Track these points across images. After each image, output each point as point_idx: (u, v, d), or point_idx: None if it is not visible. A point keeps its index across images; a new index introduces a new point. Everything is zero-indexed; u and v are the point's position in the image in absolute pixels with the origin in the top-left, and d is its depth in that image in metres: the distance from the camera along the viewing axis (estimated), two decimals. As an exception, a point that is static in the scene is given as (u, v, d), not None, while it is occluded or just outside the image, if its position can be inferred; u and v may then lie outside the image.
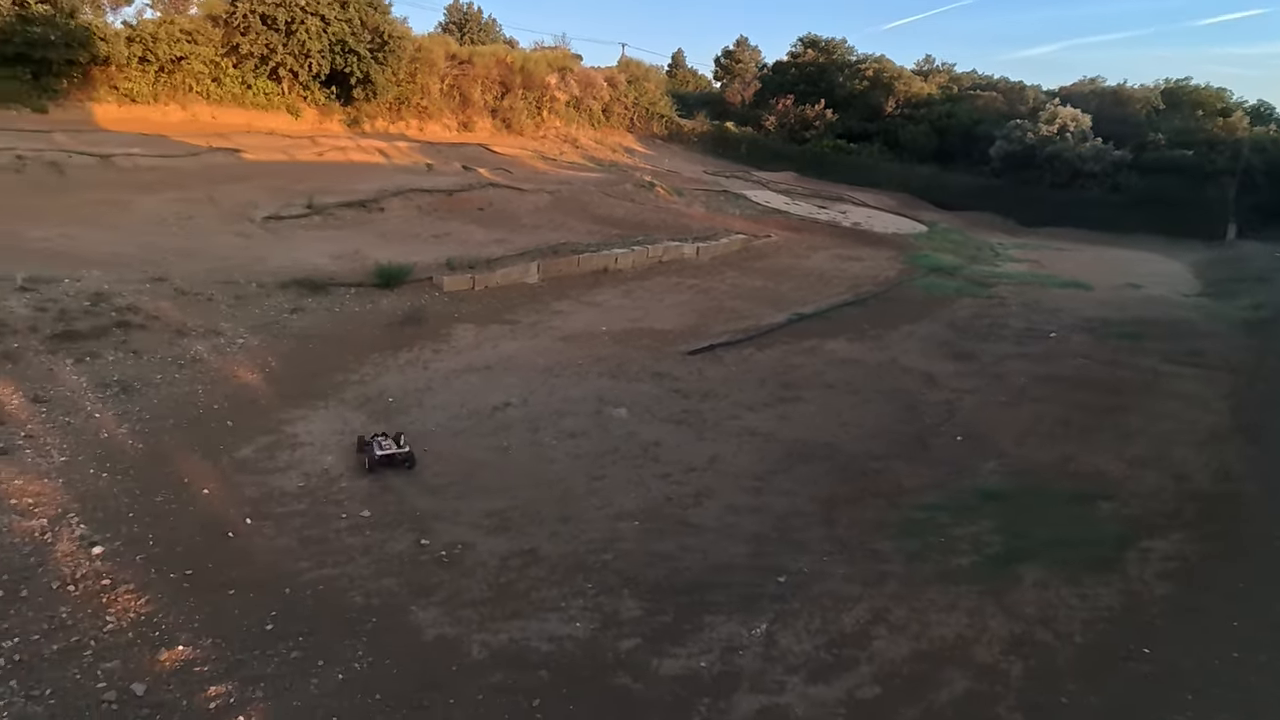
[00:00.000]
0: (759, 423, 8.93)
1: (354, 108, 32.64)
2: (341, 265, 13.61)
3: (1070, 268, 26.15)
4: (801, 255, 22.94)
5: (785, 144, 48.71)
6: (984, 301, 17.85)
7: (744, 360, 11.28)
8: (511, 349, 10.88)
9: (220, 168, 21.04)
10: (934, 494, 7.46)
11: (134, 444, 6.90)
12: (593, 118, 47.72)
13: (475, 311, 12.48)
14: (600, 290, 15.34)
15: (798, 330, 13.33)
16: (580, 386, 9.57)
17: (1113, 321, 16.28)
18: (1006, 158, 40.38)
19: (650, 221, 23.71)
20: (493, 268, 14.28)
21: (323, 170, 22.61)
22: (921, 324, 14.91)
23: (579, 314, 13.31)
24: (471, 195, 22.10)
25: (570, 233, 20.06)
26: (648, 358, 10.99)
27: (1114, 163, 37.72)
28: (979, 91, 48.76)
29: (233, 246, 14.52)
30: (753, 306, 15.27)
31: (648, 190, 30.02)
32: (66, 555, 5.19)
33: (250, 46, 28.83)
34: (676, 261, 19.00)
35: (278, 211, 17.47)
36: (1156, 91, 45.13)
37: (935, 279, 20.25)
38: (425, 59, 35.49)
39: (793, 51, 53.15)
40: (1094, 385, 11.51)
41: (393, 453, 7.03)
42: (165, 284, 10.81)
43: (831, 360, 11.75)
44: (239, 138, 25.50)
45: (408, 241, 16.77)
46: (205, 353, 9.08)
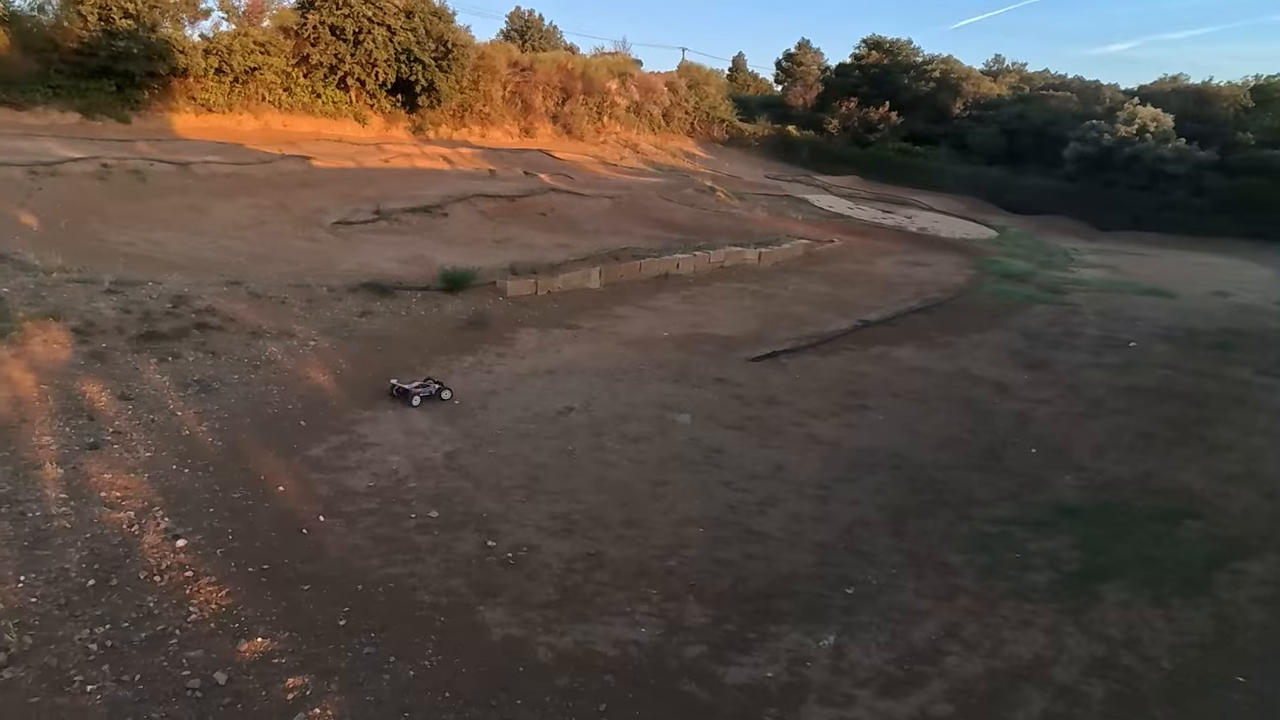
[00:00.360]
0: (824, 431, 8.79)
1: (418, 115, 33.38)
2: (407, 270, 13.90)
3: (1150, 274, 25.16)
4: (865, 261, 22.57)
5: (848, 147, 48.11)
6: (1057, 309, 17.31)
7: (808, 367, 11.13)
8: (574, 353, 10.94)
9: (291, 175, 21.69)
10: (1007, 507, 7.23)
11: (213, 441, 7.13)
12: (653, 122, 47.87)
13: (538, 316, 12.60)
14: (661, 295, 15.34)
15: (863, 337, 13.11)
16: (642, 391, 9.57)
17: (1198, 331, 15.61)
18: (1081, 159, 39.09)
19: (711, 226, 23.64)
20: (554, 272, 14.40)
21: (388, 176, 23.15)
22: (991, 332, 14.53)
23: (640, 319, 13.32)
24: (533, 200, 22.35)
25: (631, 237, 20.13)
26: (710, 363, 10.93)
27: (1198, 164, 36.14)
28: (1052, 91, 47.36)
29: (303, 251, 14.96)
30: (816, 312, 15.07)
31: (708, 195, 29.96)
32: (152, 547, 5.38)
33: (320, 56, 29.76)
34: (738, 267, 18.89)
35: (346, 217, 17.94)
36: (1245, 89, 43.14)
37: (1006, 285, 19.70)
38: (487, 66, 36.11)
39: (856, 53, 52.48)
40: (1179, 397, 11.04)
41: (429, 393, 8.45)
42: (240, 287, 11.18)
43: (898, 368, 11.52)
44: (308, 145, 26.28)
45: (471, 246, 17.04)
46: (279, 354, 9.35)
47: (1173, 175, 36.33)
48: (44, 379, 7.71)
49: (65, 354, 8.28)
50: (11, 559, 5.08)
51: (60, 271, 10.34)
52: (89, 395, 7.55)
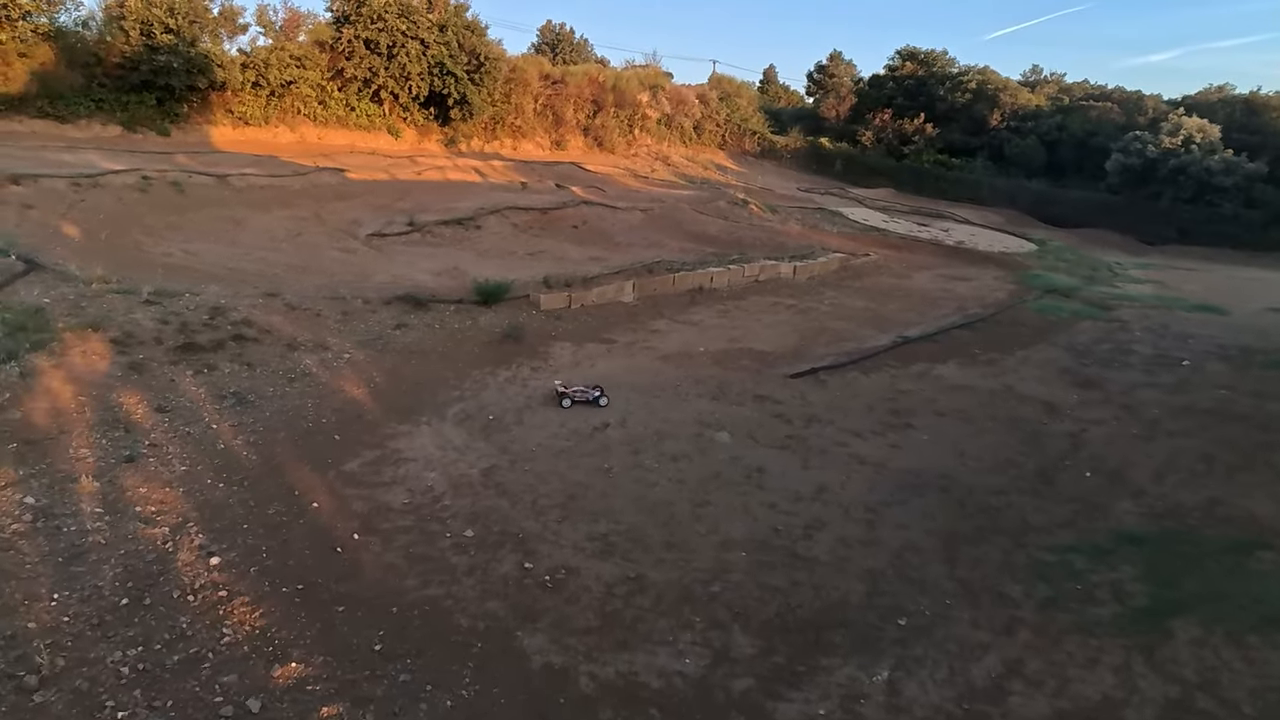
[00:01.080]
0: (868, 451, 8.51)
1: (451, 128, 33.62)
2: (441, 282, 13.85)
3: (1199, 289, 24.46)
4: (903, 275, 22.18)
5: (882, 159, 47.62)
6: (1105, 325, 16.83)
7: (848, 384, 10.84)
8: (609, 368, 10.77)
9: (326, 187, 21.85)
10: (1065, 534, 6.91)
11: (248, 455, 7.05)
12: (684, 135, 47.82)
13: (572, 329, 12.46)
14: (696, 309, 15.14)
15: (904, 354, 12.78)
16: (680, 408, 9.36)
17: (1254, 350, 15.05)
18: (1124, 171, 38.23)
19: (745, 239, 23.41)
20: (588, 286, 14.26)
21: (422, 189, 23.25)
22: (1037, 348, 14.12)
23: (676, 333, 13.13)
24: (565, 213, 22.30)
25: (664, 250, 19.97)
26: (748, 380, 10.69)
27: (1247, 175, 35.15)
28: (1092, 102, 46.50)
29: (339, 262, 14.99)
30: (854, 328, 14.77)
31: (741, 207, 29.76)
32: (186, 565, 5.28)
33: (354, 70, 30.11)
34: (773, 280, 18.63)
35: (380, 229, 17.99)
36: (1287, 99, 42.09)
37: (1050, 300, 19.21)
38: (519, 79, 36.31)
39: (890, 65, 52.01)
40: (1238, 419, 10.58)
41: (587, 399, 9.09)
42: (277, 299, 11.17)
43: (942, 386, 11.19)
44: (343, 158, 26.51)
45: (504, 258, 16.99)
46: (314, 367, 9.28)
47: (1221, 188, 35.38)
48: (82, 390, 7.69)
49: (104, 365, 8.26)
50: (46, 576, 5.00)
51: (100, 282, 10.38)
52: (126, 407, 7.51)
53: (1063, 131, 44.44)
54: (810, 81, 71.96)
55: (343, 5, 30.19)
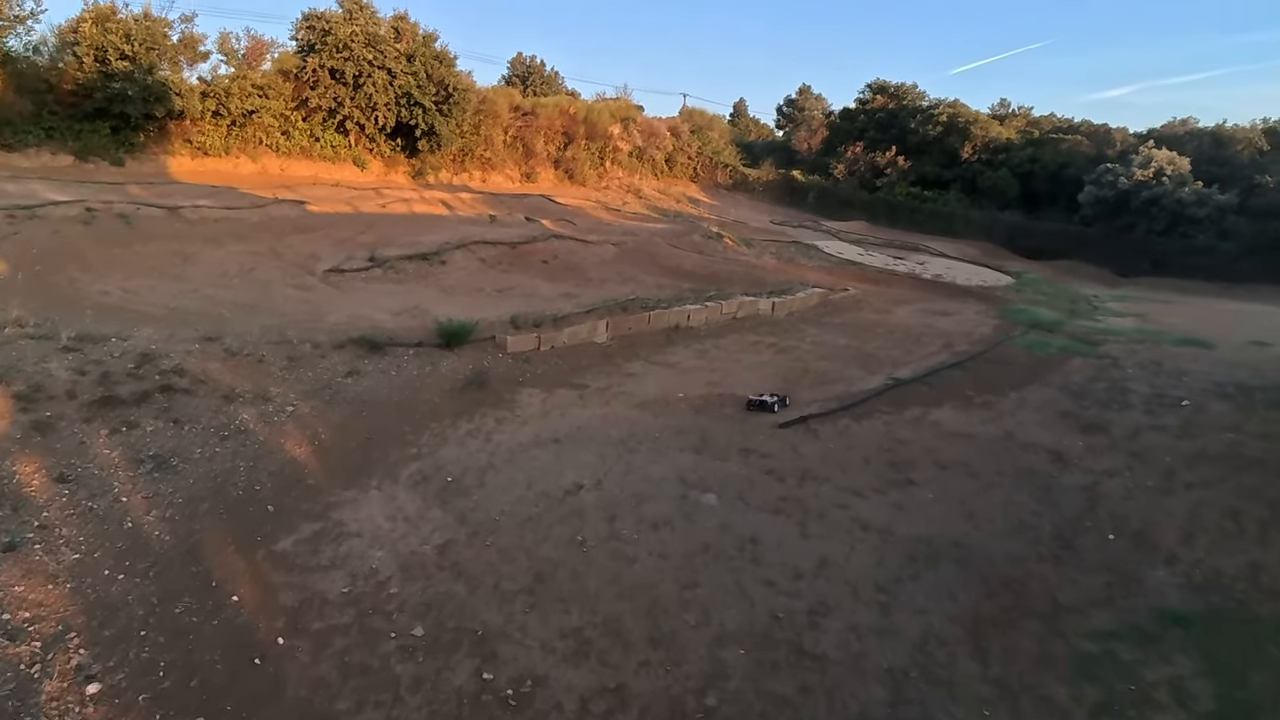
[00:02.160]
0: (870, 513, 7.66)
1: (418, 159, 32.82)
2: (401, 322, 12.90)
3: (1180, 322, 24.14)
4: (884, 310, 21.58)
5: (855, 192, 47.57)
6: (1096, 362, 16.23)
7: (842, 433, 10.02)
8: (582, 418, 9.85)
9: (285, 219, 20.85)
10: (1102, 615, 6.08)
11: (161, 535, 6.02)
12: (656, 167, 47.48)
13: (542, 374, 11.55)
14: (673, 349, 14.32)
15: (896, 397, 12.02)
16: (660, 464, 8.46)
17: (1250, 387, 14.50)
18: (1097, 203, 38.35)
19: (721, 273, 22.73)
20: (559, 326, 13.39)
21: (386, 222, 22.31)
22: (1032, 389, 13.45)
23: (652, 376, 12.27)
24: (536, 247, 21.48)
25: (638, 286, 19.20)
26: (733, 429, 9.83)
27: (1219, 207, 35.34)
28: (1062, 135, 46.91)
29: (292, 301, 13.99)
30: (840, 368, 14.03)
31: (716, 241, 29.19)
32: (54, 697, 4.24)
33: (319, 100, 29.26)
34: (752, 317, 17.90)
35: (339, 264, 17.02)
36: (1258, 131, 42.67)
37: (1036, 336, 18.65)
38: (489, 110, 35.68)
39: (861, 98, 52.30)
40: (1255, 467, 9.90)
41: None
42: (216, 344, 10.13)
43: (940, 434, 10.41)
44: (305, 189, 25.56)
45: (471, 295, 16.09)
46: (251, 422, 8.26)
47: (1193, 219, 35.54)
48: (-32, 457, 6.63)
49: (1, 425, 7.19)
50: None
51: (14, 325, 9.32)
52: (20, 477, 6.45)
53: (1035, 164, 44.69)
54: (780, 115, 72.60)
55: (307, 34, 29.42)
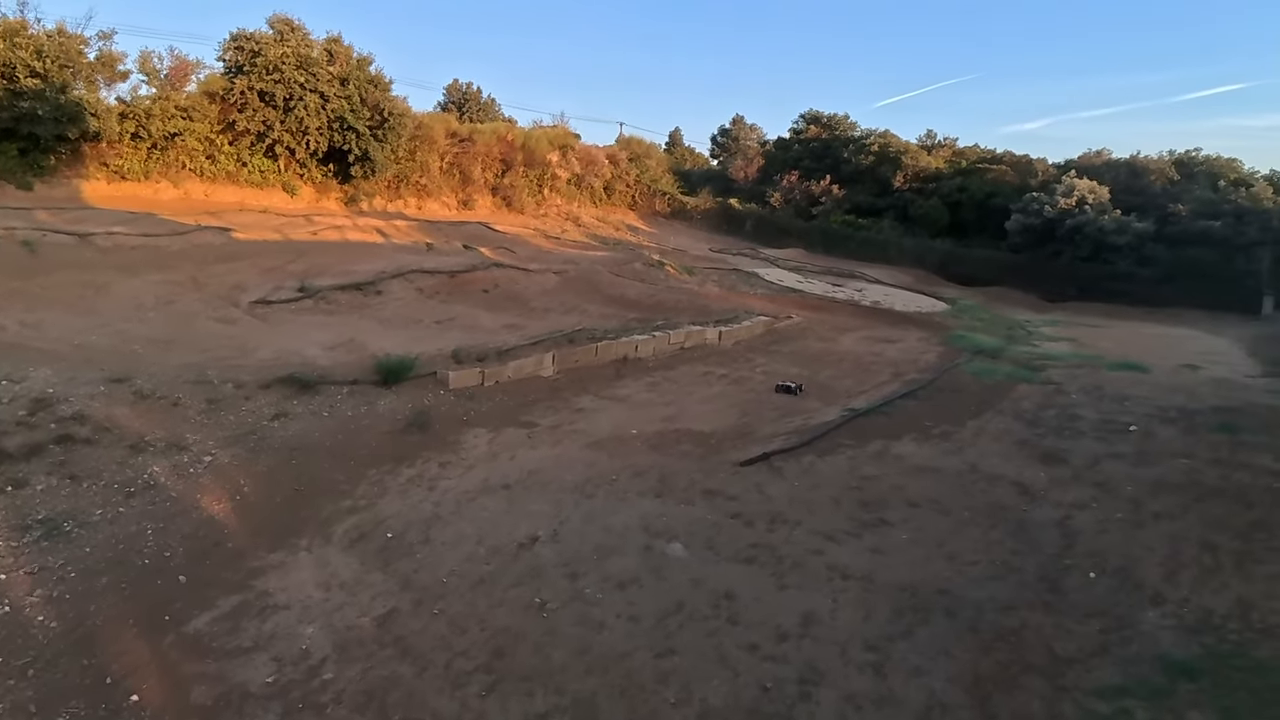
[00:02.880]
0: (848, 560, 7.19)
1: (352, 185, 31.76)
2: (335, 358, 12.05)
3: (1112, 346, 24.74)
4: (829, 338, 21.47)
5: (792, 220, 48.07)
6: (1042, 388, 16.26)
7: (806, 471, 9.58)
8: (533, 460, 9.19)
9: (209, 247, 19.70)
10: (1104, 668, 5.69)
11: (46, 621, 5.14)
12: (594, 195, 47.20)
13: (487, 412, 10.84)
14: (623, 382, 13.77)
15: (856, 430, 11.68)
16: (621, 512, 7.85)
17: (1191, 411, 14.65)
18: (1025, 231, 39.49)
19: (666, 302, 22.33)
20: (504, 360, 12.71)
21: (318, 250, 21.30)
22: (986, 417, 13.31)
23: (604, 412, 11.68)
24: (476, 276, 20.76)
25: (583, 315, 18.64)
26: (694, 469, 9.30)
27: (1138, 235, 36.74)
28: (988, 165, 48.38)
29: (214, 336, 12.98)
30: (796, 400, 13.68)
31: (658, 269, 28.88)
32: None
33: (247, 123, 28.08)
34: (700, 347, 17.49)
35: (267, 295, 16.02)
36: (1168, 162, 44.72)
37: (981, 362, 18.71)
38: (425, 136, 34.87)
39: (795, 128, 53.19)
40: (1216, 495, 9.81)
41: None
42: (125, 385, 9.15)
43: (905, 468, 10.07)
44: (231, 216, 24.35)
45: (409, 328, 15.28)
46: (163, 475, 7.37)
47: (1115, 246, 36.84)
48: None
49: None
50: None
51: (-115, 370, 8.24)
52: (-125, 552, 5.49)
53: (963, 193, 45.89)
54: (715, 144, 73.49)
55: (236, 55, 28.28)
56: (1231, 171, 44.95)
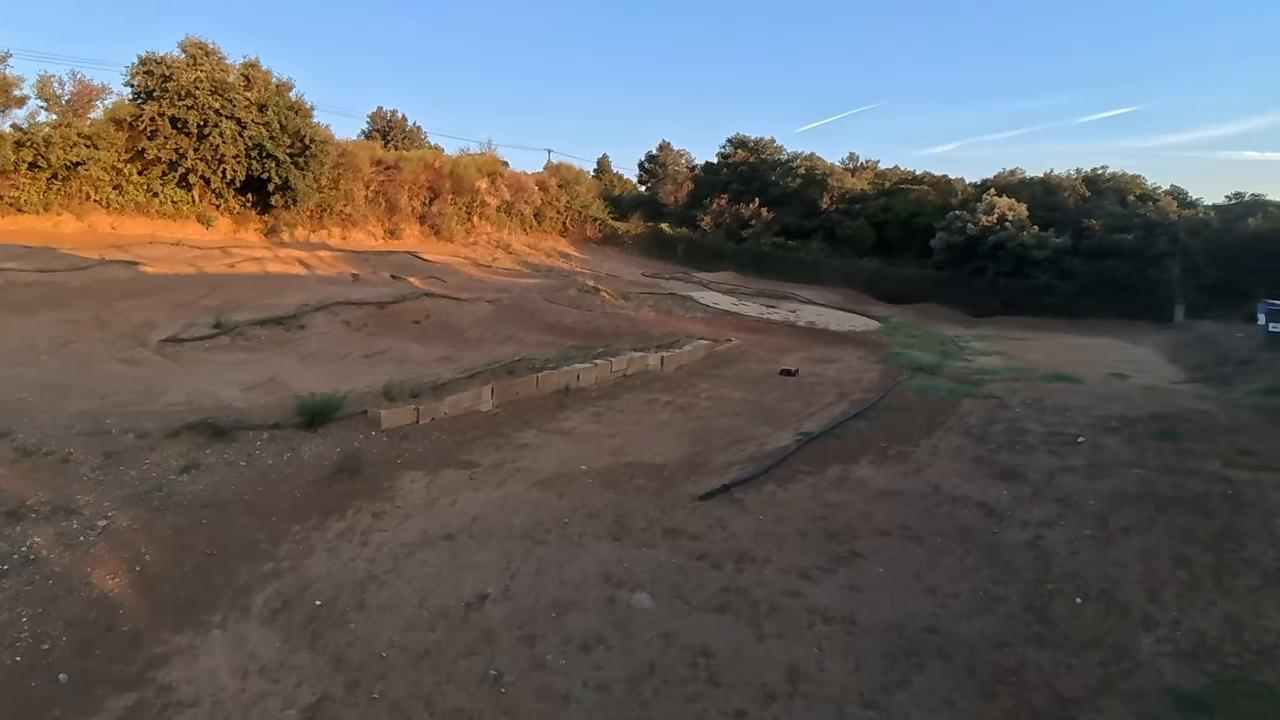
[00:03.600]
0: (826, 600, 6.66)
1: (272, 215, 30.41)
2: (254, 399, 11.06)
3: (1041, 358, 25.22)
4: (769, 360, 21.20)
5: (723, 243, 48.30)
6: (984, 403, 16.24)
7: (768, 502, 9.08)
8: (476, 504, 8.43)
9: (114, 283, 18.32)
10: (1115, 708, 5.27)
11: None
12: (525, 222, 46.56)
13: (424, 453, 10.03)
14: (566, 414, 13.12)
15: (812, 454, 11.27)
16: (577, 559, 7.17)
17: (1130, 419, 14.78)
18: (949, 249, 40.45)
19: (604, 328, 21.77)
20: (439, 395, 11.91)
21: (235, 283, 20.06)
22: (937, 435, 13.10)
23: (549, 447, 10.99)
24: (406, 306, 19.83)
25: (520, 345, 17.93)
26: (651, 506, 8.69)
27: (1056, 249, 38.00)
28: (910, 185, 49.58)
29: (116, 379, 11.82)
30: (745, 424, 13.25)
31: (593, 295, 28.35)
32: None
33: (158, 152, 26.60)
34: (642, 373, 16.96)
35: (178, 333, 14.85)
36: (1079, 179, 46.57)
37: (923, 380, 18.67)
38: (350, 164, 33.75)
39: (723, 152, 53.66)
40: (1174, 504, 9.69)
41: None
42: (5, 440, 8.07)
43: (868, 494, 9.66)
44: (140, 249, 22.87)
45: (335, 364, 14.32)
46: (45, 547, 6.37)
47: (1035, 261, 37.98)
48: None
49: None
50: None
51: None
52: None
53: (888, 213, 46.88)
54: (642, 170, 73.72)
55: (145, 80, 26.80)
56: (1136, 187, 47.10)
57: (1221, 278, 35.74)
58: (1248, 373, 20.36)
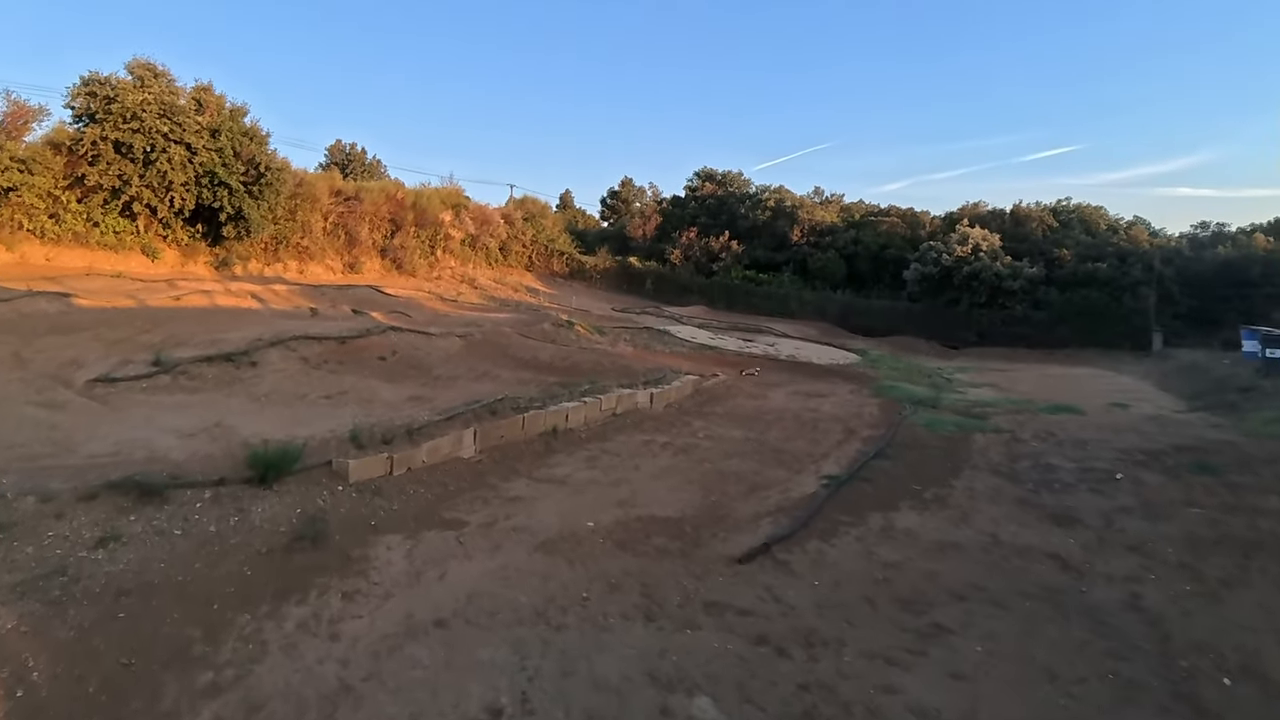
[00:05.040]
0: (933, 698, 5.25)
1: (223, 247, 28.54)
2: (195, 448, 9.36)
3: (1031, 389, 24.47)
4: (758, 395, 19.99)
5: (693, 277, 47.39)
6: (997, 437, 15.16)
7: (817, 562, 7.68)
8: (470, 577, 6.88)
9: (40, 317, 16.44)
10: None
11: None
12: (490, 256, 45.18)
13: (401, 510, 8.44)
14: (557, 459, 11.63)
15: (845, 501, 9.93)
16: (608, 650, 5.67)
17: (1154, 452, 13.80)
18: (923, 280, 39.97)
19: (582, 364, 20.36)
20: (415, 440, 10.33)
21: (180, 318, 18.23)
22: (966, 474, 11.92)
23: (545, 500, 9.48)
24: (370, 341, 18.19)
25: (496, 382, 16.40)
26: (681, 573, 7.23)
27: (1030, 279, 37.75)
28: (878, 218, 49.33)
29: (29, 426, 10.00)
30: (757, 467, 11.91)
31: (568, 329, 26.98)
32: None
33: (99, 178, 24.68)
34: (631, 412, 15.57)
35: (110, 371, 13.05)
36: (1047, 209, 46.73)
37: (926, 414, 17.58)
38: (307, 194, 32.07)
39: (690, 185, 53.01)
40: (1259, 548, 8.53)
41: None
42: None
43: (924, 548, 8.34)
44: (75, 281, 20.92)
45: (292, 405, 12.65)
46: (-105, 663, 4.70)
47: (1010, 291, 37.64)
48: None
49: None
50: None
51: None
52: None
53: (858, 245, 46.49)
54: (604, 206, 73.06)
55: (87, 102, 24.96)
56: (1101, 219, 47.48)
57: (1195, 305, 35.73)
58: (1254, 400, 19.70)
